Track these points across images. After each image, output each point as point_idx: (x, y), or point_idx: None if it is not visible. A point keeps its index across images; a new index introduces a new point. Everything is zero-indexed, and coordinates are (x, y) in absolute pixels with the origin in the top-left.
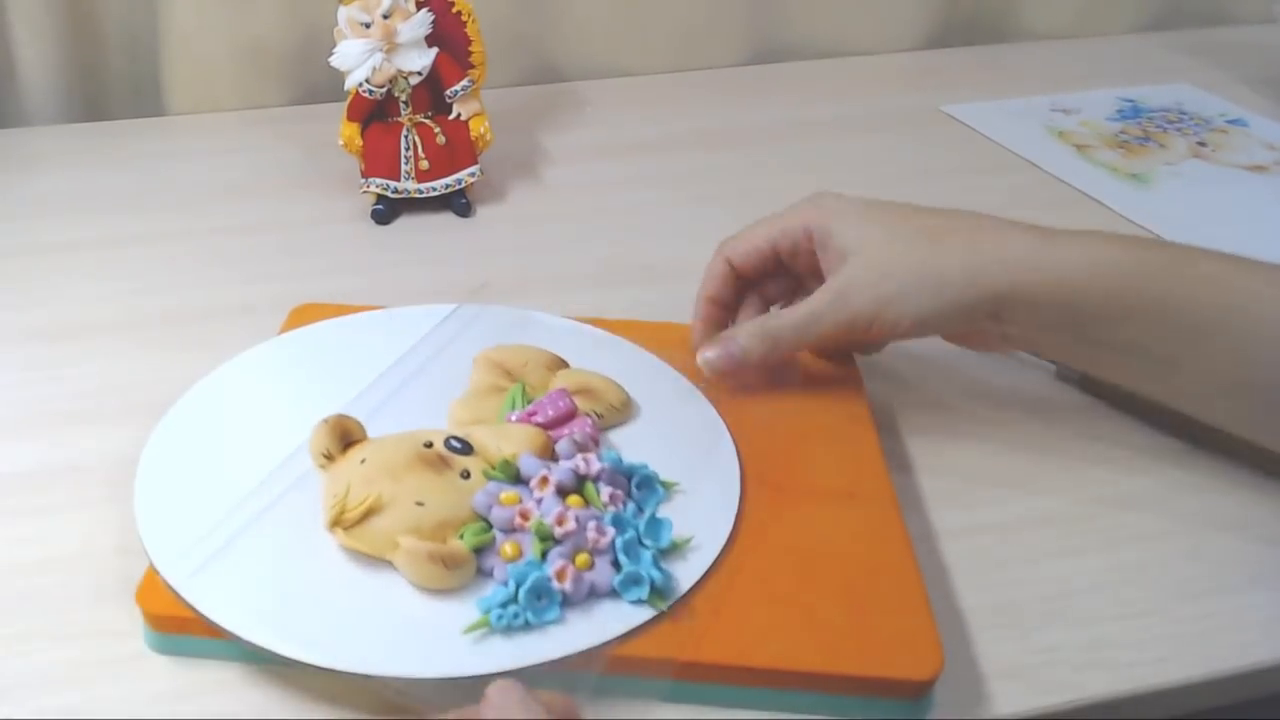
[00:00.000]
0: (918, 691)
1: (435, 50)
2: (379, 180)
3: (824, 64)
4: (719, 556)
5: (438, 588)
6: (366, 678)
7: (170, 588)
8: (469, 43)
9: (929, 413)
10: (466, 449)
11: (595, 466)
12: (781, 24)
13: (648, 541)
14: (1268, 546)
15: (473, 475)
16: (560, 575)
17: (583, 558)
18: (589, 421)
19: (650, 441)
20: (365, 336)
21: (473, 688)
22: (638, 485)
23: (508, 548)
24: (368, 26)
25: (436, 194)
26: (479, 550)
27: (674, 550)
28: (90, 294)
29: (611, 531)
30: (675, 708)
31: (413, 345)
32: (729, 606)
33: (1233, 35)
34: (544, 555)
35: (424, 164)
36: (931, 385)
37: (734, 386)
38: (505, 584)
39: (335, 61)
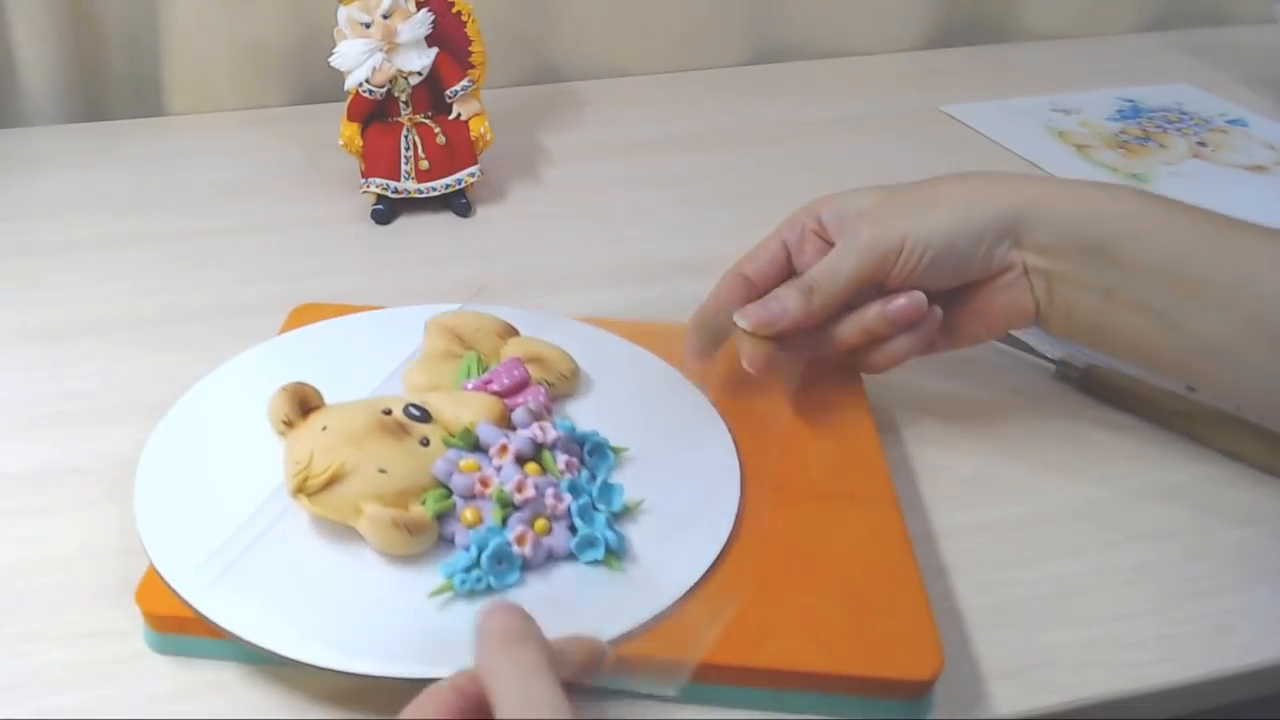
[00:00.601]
0: (918, 691)
1: (435, 50)
2: (379, 180)
3: (824, 64)
4: (719, 557)
5: (401, 553)
6: (366, 678)
7: (171, 588)
8: (469, 43)
9: (929, 413)
10: (425, 417)
11: (552, 435)
12: (781, 24)
13: (601, 506)
14: (1268, 546)
15: (432, 442)
16: (520, 540)
17: (541, 523)
18: (541, 390)
19: (651, 442)
20: (365, 336)
21: None
22: (590, 452)
23: (468, 514)
24: (368, 26)
25: (436, 194)
26: (440, 516)
27: (626, 513)
28: (90, 294)
29: (568, 497)
30: (675, 708)
31: (414, 349)
32: (728, 607)
33: (1233, 35)
34: (504, 521)
35: (424, 164)
36: (931, 385)
37: (739, 381)
38: (467, 549)
39: (335, 61)
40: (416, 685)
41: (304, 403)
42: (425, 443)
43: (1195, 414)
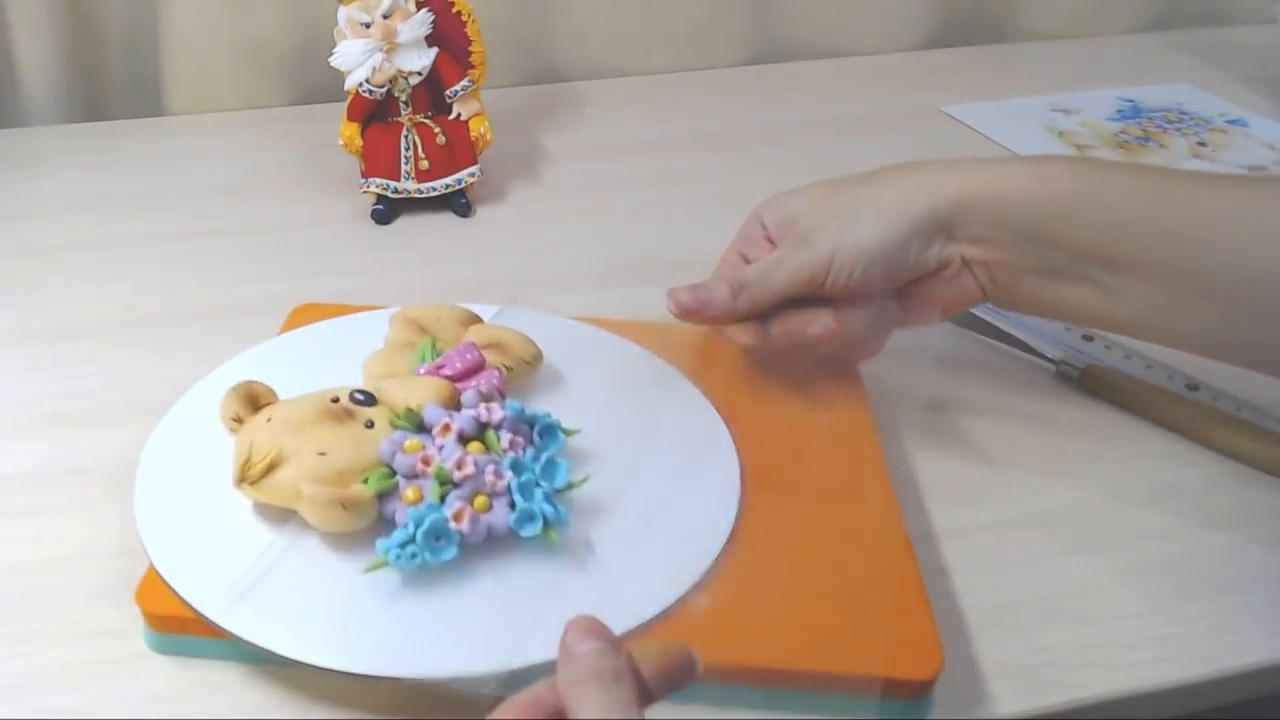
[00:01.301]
0: (918, 691)
1: (435, 50)
2: (379, 180)
3: (824, 64)
4: (719, 557)
5: (340, 530)
6: (367, 678)
7: (172, 589)
8: (469, 43)
9: (929, 413)
10: (370, 400)
11: (498, 415)
12: (781, 24)
13: (543, 483)
14: (1268, 546)
15: (377, 425)
16: (457, 516)
17: (481, 500)
18: (496, 373)
19: (651, 442)
20: (365, 336)
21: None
22: (540, 433)
23: (409, 492)
24: (368, 26)
25: (436, 194)
26: (384, 496)
27: (569, 489)
28: (90, 294)
29: (509, 475)
30: (675, 708)
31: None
32: (728, 606)
33: (1233, 35)
34: (443, 499)
35: (424, 164)
36: (931, 385)
37: (738, 381)
38: (406, 527)
39: (335, 61)
40: (417, 685)
41: (253, 400)
42: (370, 425)
43: (1195, 414)
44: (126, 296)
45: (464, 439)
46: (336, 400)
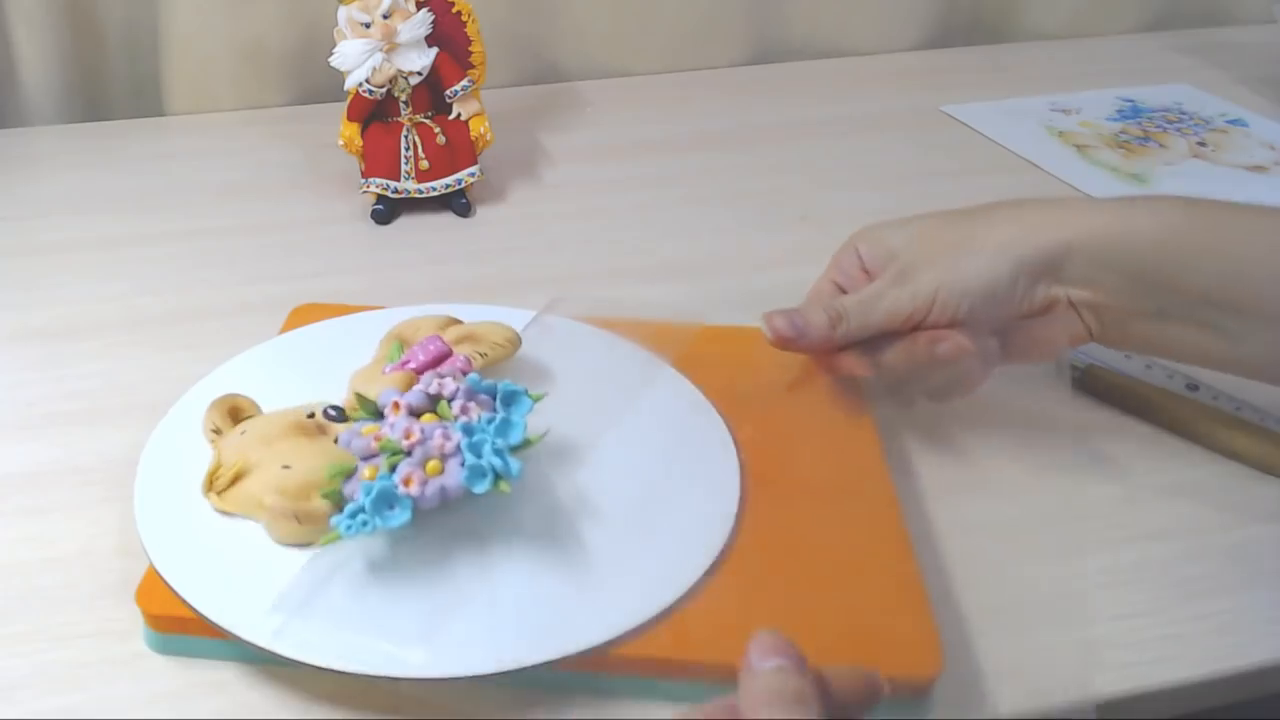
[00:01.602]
0: (917, 691)
1: (435, 50)
2: (379, 180)
3: (824, 64)
4: (718, 557)
5: (294, 542)
6: (367, 678)
7: (172, 589)
8: (469, 43)
9: (929, 413)
10: (342, 416)
11: (449, 387)
12: (781, 24)
13: (499, 441)
14: (1268, 546)
15: (363, 398)
16: (406, 481)
17: (433, 464)
18: (462, 358)
19: (650, 441)
20: (365, 337)
21: (470, 687)
22: (503, 400)
23: (366, 471)
24: (368, 26)
25: (436, 194)
26: (348, 478)
27: (528, 446)
28: (90, 294)
29: (458, 436)
30: (673, 707)
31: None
32: (727, 605)
33: (1233, 35)
34: (393, 469)
35: (424, 164)
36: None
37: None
38: (356, 499)
39: (335, 61)
40: (417, 685)
41: (235, 413)
42: (363, 403)
43: (1195, 414)
44: (126, 296)
45: (415, 412)
46: (312, 415)
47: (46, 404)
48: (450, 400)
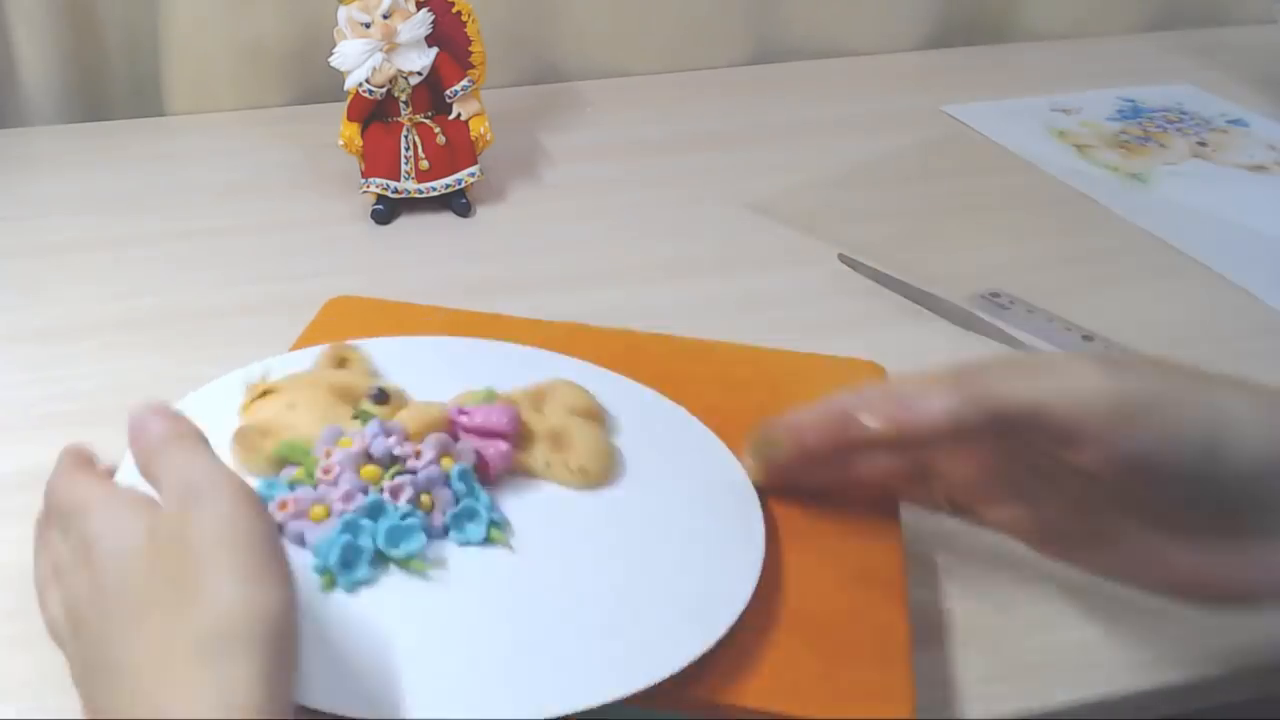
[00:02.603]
0: None
1: (435, 50)
2: (379, 180)
3: (824, 64)
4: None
5: (234, 464)
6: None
7: None
8: (469, 43)
9: None
10: (382, 397)
11: (427, 473)
12: (781, 24)
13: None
14: None
15: (364, 412)
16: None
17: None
18: (505, 448)
19: (673, 490)
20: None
21: None
22: (458, 515)
23: (316, 509)
24: (368, 26)
25: (436, 194)
26: (291, 464)
27: (408, 563)
28: (90, 294)
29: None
30: None
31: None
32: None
33: (1233, 35)
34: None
35: (424, 164)
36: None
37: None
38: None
39: (335, 61)
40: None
41: (341, 360)
42: (357, 415)
43: None
44: (126, 296)
45: (368, 458)
46: (371, 390)
47: (46, 404)
48: (403, 477)
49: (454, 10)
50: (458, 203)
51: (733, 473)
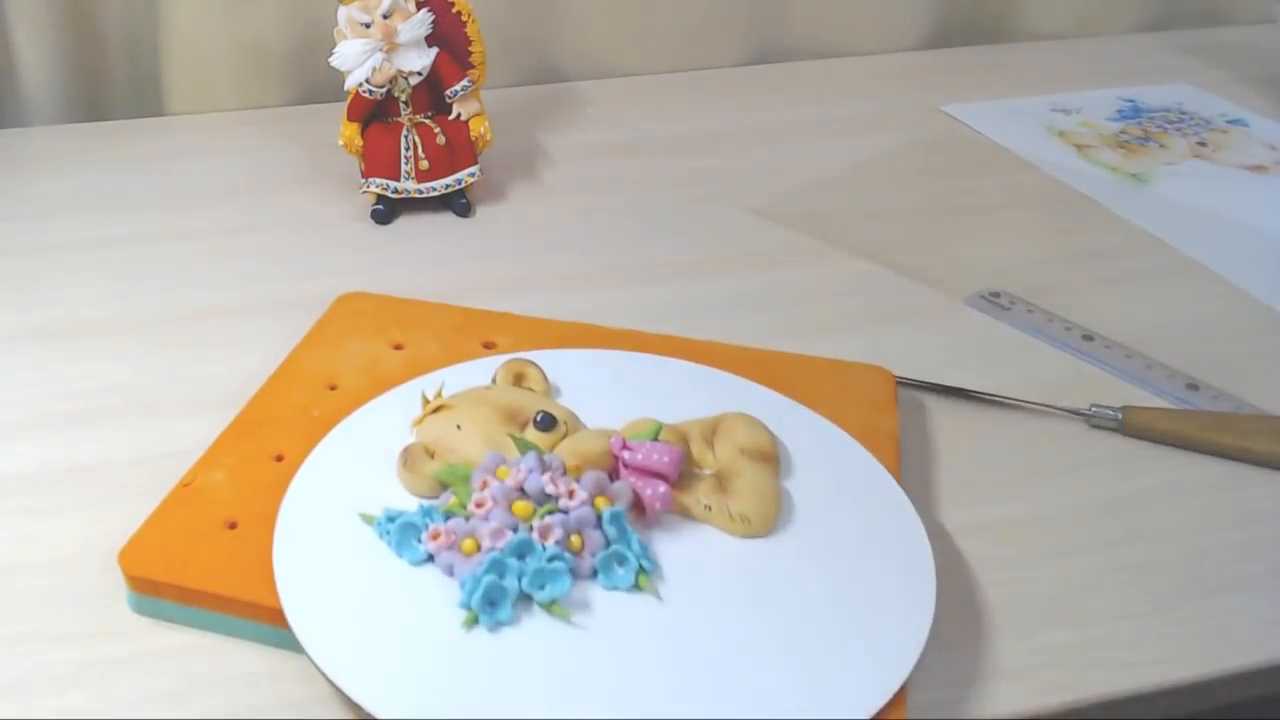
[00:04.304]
0: None
1: (435, 50)
2: (379, 180)
3: (824, 64)
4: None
5: (406, 487)
6: None
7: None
8: (469, 43)
9: (929, 412)
10: (549, 423)
11: (579, 513)
12: (781, 24)
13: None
14: (1268, 546)
15: (523, 441)
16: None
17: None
18: (664, 490)
19: (839, 525)
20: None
21: None
22: (607, 560)
23: (467, 543)
24: (368, 26)
25: (436, 194)
26: (450, 488)
27: (550, 608)
28: (90, 294)
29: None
30: None
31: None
32: None
33: (1233, 35)
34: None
35: (424, 164)
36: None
37: None
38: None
39: (335, 61)
40: None
41: (518, 378)
42: (518, 438)
43: (1187, 424)
44: (126, 296)
45: (522, 492)
46: (540, 417)
47: (46, 404)
48: (554, 517)
49: (454, 10)
50: (458, 203)
51: (905, 520)
